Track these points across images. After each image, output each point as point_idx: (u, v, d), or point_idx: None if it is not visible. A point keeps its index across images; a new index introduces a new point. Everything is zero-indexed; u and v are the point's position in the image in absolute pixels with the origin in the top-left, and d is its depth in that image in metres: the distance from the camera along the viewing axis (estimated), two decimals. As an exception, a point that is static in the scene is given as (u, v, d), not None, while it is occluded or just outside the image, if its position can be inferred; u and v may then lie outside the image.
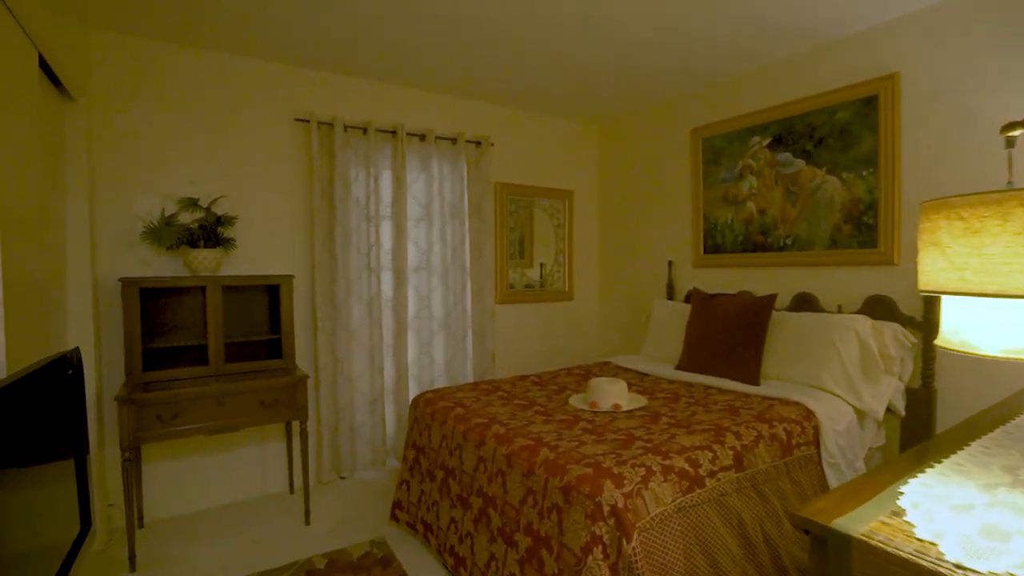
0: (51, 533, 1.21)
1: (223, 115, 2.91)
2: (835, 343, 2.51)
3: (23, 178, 1.65)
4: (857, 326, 2.51)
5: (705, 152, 3.50)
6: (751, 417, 2.10)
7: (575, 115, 4.18)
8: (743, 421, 2.05)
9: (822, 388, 2.49)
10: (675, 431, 1.96)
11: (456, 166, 3.65)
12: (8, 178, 1.53)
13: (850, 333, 2.50)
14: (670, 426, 2.03)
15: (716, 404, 2.33)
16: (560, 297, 4.24)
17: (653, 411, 2.25)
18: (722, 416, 2.14)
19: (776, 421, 2.09)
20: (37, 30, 1.79)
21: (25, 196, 1.67)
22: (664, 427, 2.02)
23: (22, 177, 1.64)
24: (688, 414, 2.19)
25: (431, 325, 3.59)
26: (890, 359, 2.46)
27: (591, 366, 3.25)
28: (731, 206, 3.36)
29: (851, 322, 2.52)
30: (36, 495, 1.17)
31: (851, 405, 2.39)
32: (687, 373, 2.91)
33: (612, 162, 4.30)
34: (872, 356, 2.46)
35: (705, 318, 2.97)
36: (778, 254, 3.11)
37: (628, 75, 3.34)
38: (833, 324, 2.56)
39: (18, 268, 1.59)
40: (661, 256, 3.87)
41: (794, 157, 3.01)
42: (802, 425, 2.14)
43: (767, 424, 2.05)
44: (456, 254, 3.65)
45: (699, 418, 2.13)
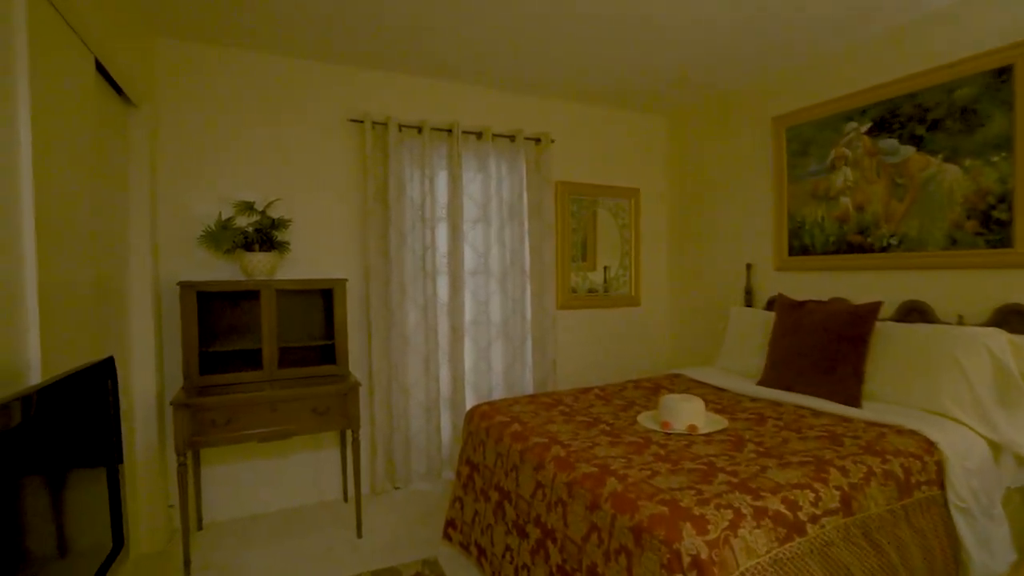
0: (79, 555, 1.13)
1: (278, 117, 2.89)
2: (960, 361, 2.12)
3: (74, 184, 1.62)
4: (989, 341, 2.10)
5: (790, 143, 3.14)
6: (858, 448, 1.78)
7: (642, 107, 3.90)
8: (848, 453, 1.73)
9: (944, 414, 2.10)
10: (765, 462, 1.67)
11: (514, 165, 3.48)
12: (59, 184, 1.49)
13: (980, 349, 2.10)
14: (758, 455, 1.75)
15: (812, 429, 2.01)
16: (626, 302, 3.97)
17: (736, 435, 1.97)
18: (821, 445, 1.82)
19: (890, 454, 1.76)
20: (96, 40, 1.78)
21: (77, 202, 1.64)
22: (751, 456, 1.74)
23: (73, 183, 1.62)
24: (779, 441, 1.89)
25: (489, 331, 3.43)
26: (1033, 381, 2.04)
27: (660, 379, 2.97)
28: (821, 202, 2.98)
29: (981, 336, 2.12)
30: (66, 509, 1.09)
31: (983, 437, 1.99)
32: (772, 390, 2.58)
33: (682, 157, 3.99)
34: (1010, 378, 2.05)
35: (793, 328, 2.62)
36: (880, 256, 2.71)
37: (701, 61, 3.04)
38: (957, 338, 2.16)
39: (68, 273, 1.56)
40: (738, 259, 3.52)
41: (900, 144, 2.61)
42: (922, 460, 1.79)
43: (878, 457, 1.72)
44: (515, 257, 3.48)
45: (793, 446, 1.82)
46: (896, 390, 2.27)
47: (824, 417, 2.18)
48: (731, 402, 2.48)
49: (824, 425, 2.06)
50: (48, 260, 1.38)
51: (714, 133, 3.69)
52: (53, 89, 1.48)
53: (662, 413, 2.12)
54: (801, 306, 2.66)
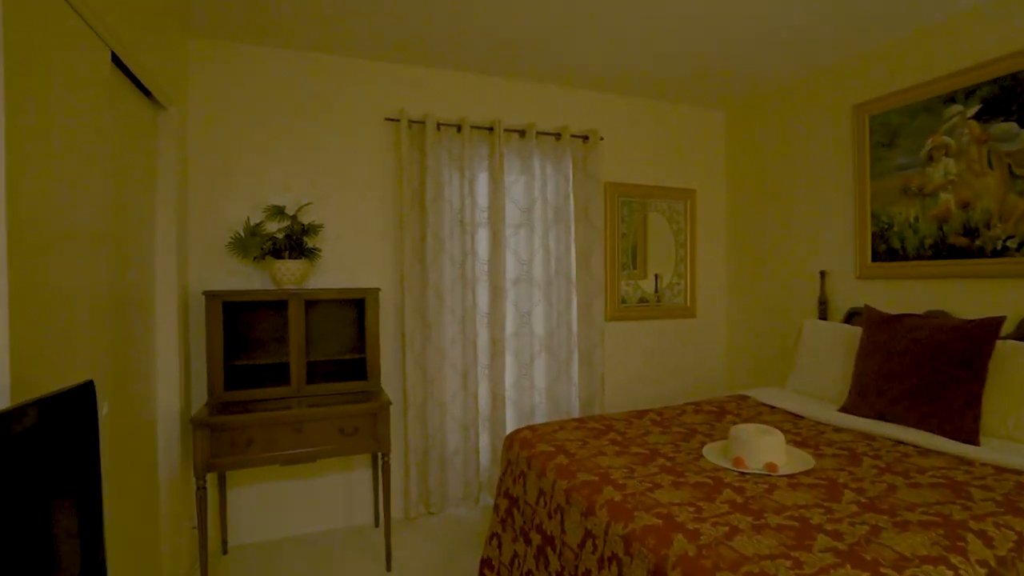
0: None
1: (310, 117, 2.75)
2: (1115, 391, 1.71)
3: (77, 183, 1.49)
4: None
5: (874, 133, 2.75)
6: (994, 504, 1.42)
7: (697, 101, 3.58)
8: (985, 512, 1.37)
9: (1094, 457, 1.70)
10: (874, 519, 1.34)
11: (560, 165, 3.23)
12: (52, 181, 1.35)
13: None
14: (862, 508, 1.42)
15: (922, 474, 1.65)
16: (680, 313, 3.63)
17: (828, 478, 1.63)
18: (942, 497, 1.47)
19: None
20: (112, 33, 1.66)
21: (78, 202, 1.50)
22: (853, 509, 1.41)
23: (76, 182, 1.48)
24: (883, 488, 1.55)
25: (532, 344, 3.18)
26: None
27: (724, 401, 2.63)
28: (914, 199, 2.58)
29: None
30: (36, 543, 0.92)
31: None
32: (860, 419, 2.21)
33: (743, 154, 3.63)
34: None
35: (887, 346, 2.24)
36: (993, 261, 2.29)
37: (765, 45, 2.70)
38: (1108, 363, 1.75)
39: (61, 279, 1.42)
40: (810, 265, 3.13)
41: (1021, 128, 2.20)
42: (1080, 520, 1.41)
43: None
44: (560, 264, 3.22)
45: (904, 497, 1.48)
46: (1019, 426, 1.87)
47: (934, 457, 1.81)
48: (812, 432, 2.13)
49: (938, 468, 1.69)
50: (28, 263, 1.23)
51: (780, 126, 3.33)
52: (48, 75, 1.34)
53: (733, 446, 1.81)
54: (897, 320, 2.28)
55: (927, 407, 2.04)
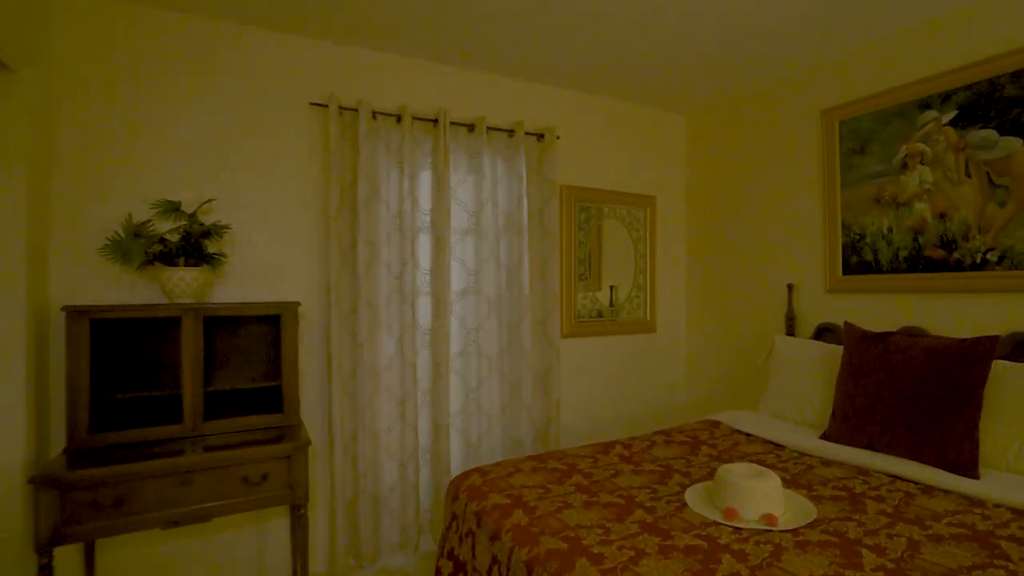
0: None
1: (218, 96, 2.30)
2: None
3: None
4: None
5: (844, 139, 2.60)
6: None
7: (658, 102, 3.37)
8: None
9: (1107, 494, 1.53)
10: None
11: (513, 164, 2.91)
12: None
13: None
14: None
15: (937, 520, 1.42)
16: (640, 328, 3.38)
17: (837, 533, 1.37)
18: (974, 556, 1.23)
19: None
20: None
21: None
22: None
23: None
24: (903, 545, 1.30)
25: (480, 366, 2.82)
26: None
27: (696, 429, 2.37)
28: (887, 209, 2.44)
29: None
30: None
31: None
32: (847, 448, 2.00)
33: (704, 160, 3.45)
34: None
35: (872, 367, 2.05)
36: (972, 275, 2.16)
37: (728, 46, 2.51)
38: (1116, 388, 1.60)
39: None
40: (776, 278, 2.96)
41: (1000, 135, 2.08)
42: None
43: (1072, 580, 1.14)
44: (513, 276, 2.89)
45: (932, 557, 1.23)
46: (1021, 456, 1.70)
47: (939, 496, 1.60)
48: (799, 467, 1.89)
49: (951, 513, 1.47)
50: None
51: (743, 131, 3.16)
52: None
53: (722, 493, 1.52)
54: (882, 340, 2.09)
55: (921, 436, 1.84)
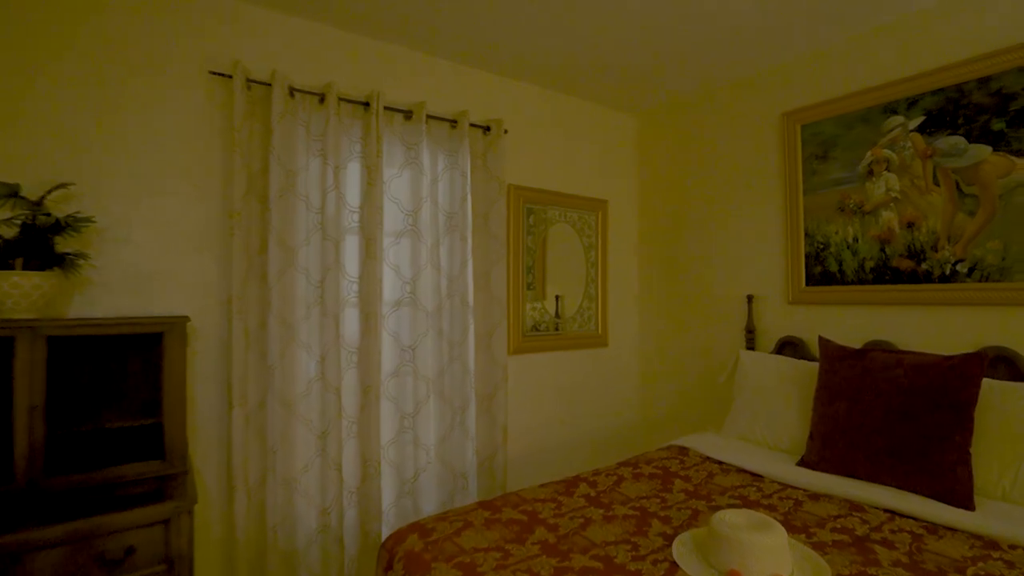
0: None
1: (81, 55, 1.79)
2: None
3: None
4: None
5: (807, 144, 2.49)
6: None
7: (609, 100, 3.16)
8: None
9: (1114, 525, 1.41)
10: None
11: (456, 159, 2.57)
12: None
13: None
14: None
15: (962, 572, 1.23)
16: (591, 343, 3.13)
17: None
18: (1030, 623, 1.03)
19: None
20: None
21: None
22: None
23: None
24: (944, 610, 1.08)
25: (417, 389, 2.44)
26: None
27: (664, 458, 2.13)
28: (852, 217, 2.33)
29: None
30: None
31: None
32: (831, 477, 1.82)
33: (657, 164, 3.28)
34: None
35: (854, 387, 1.89)
36: (942, 287, 2.07)
37: (684, 44, 2.33)
38: (1114, 408, 1.51)
39: None
40: (735, 289, 2.81)
41: (969, 142, 2.01)
42: None
43: None
44: (455, 284, 2.54)
45: (984, 628, 1.02)
46: (1020, 484, 1.57)
47: (948, 537, 1.42)
48: (786, 503, 1.67)
49: (972, 560, 1.29)
50: None
51: (700, 135, 3.01)
52: None
53: (719, 549, 1.26)
54: (861, 356, 1.94)
55: (912, 463, 1.68)
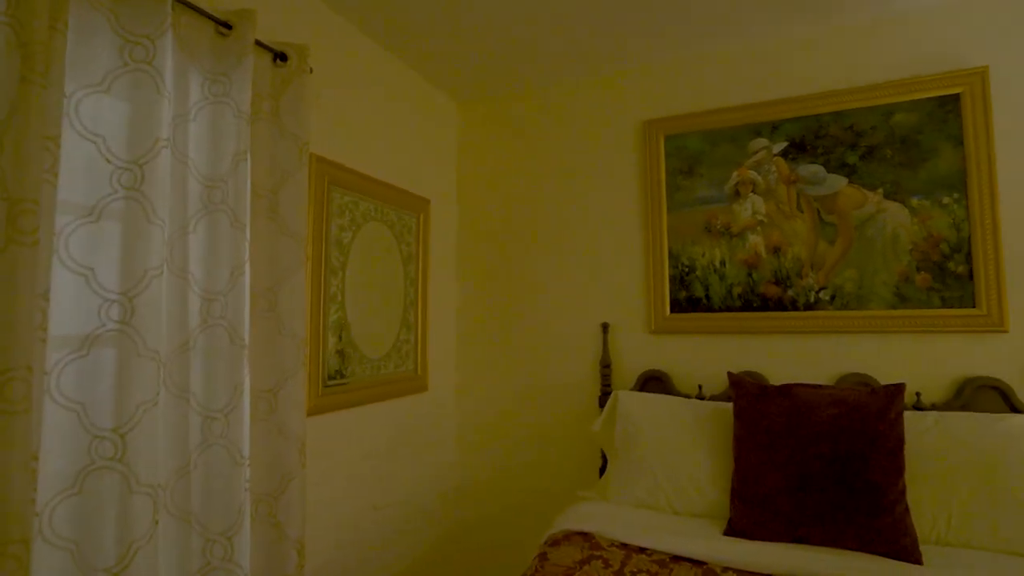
0: None
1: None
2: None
3: None
4: (1046, 435, 1.54)
5: (671, 157, 2.27)
6: None
7: (432, 73, 2.46)
8: None
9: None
10: None
11: (227, 90, 1.47)
12: None
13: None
14: None
15: None
16: (407, 388, 2.29)
17: None
18: None
19: None
20: None
21: None
22: None
23: None
24: None
25: (129, 511, 1.21)
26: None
27: (569, 555, 1.48)
28: (720, 239, 2.18)
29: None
30: None
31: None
32: (774, 547, 1.48)
33: (488, 163, 2.70)
34: (1081, 486, 1.51)
35: (783, 431, 1.61)
36: (806, 315, 2.03)
37: (521, 19, 1.88)
38: (1016, 434, 1.54)
39: None
40: (587, 317, 2.41)
41: (828, 172, 2.04)
42: None
43: None
44: (217, 307, 1.42)
45: None
46: (960, 526, 1.49)
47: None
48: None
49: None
50: None
51: (543, 134, 2.56)
52: None
53: None
54: (785, 394, 1.69)
55: (862, 519, 1.45)
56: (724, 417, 1.82)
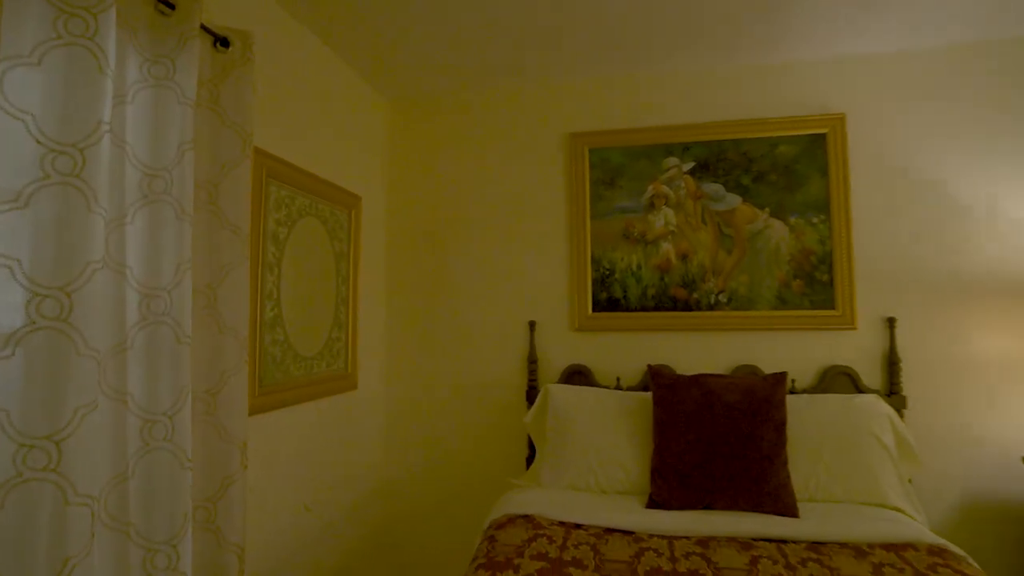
0: None
1: None
2: (879, 437, 1.87)
3: None
4: (884, 409, 1.95)
5: (595, 168, 2.48)
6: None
7: (364, 68, 2.44)
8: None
9: (885, 505, 1.78)
10: None
11: (170, 73, 1.38)
12: None
13: (884, 421, 1.91)
14: None
15: None
16: (338, 386, 2.26)
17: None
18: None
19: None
20: None
21: None
22: None
23: None
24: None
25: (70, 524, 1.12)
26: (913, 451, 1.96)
27: (511, 531, 1.60)
28: (637, 246, 2.42)
29: (877, 405, 1.94)
30: None
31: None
32: (691, 514, 1.73)
33: (419, 163, 2.72)
34: (907, 448, 1.93)
35: (696, 415, 1.86)
36: (708, 314, 2.34)
37: (451, 25, 2.00)
38: (863, 410, 1.92)
39: None
40: (515, 314, 2.54)
41: (727, 191, 2.36)
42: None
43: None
44: (159, 304, 1.34)
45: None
46: (826, 484, 1.84)
47: (798, 552, 1.47)
48: (691, 559, 1.45)
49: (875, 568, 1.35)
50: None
51: (474, 139, 2.64)
52: None
53: None
54: (696, 383, 1.94)
55: (754, 484, 1.74)
56: (644, 405, 2.05)
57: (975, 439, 2.08)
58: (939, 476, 2.07)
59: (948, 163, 2.18)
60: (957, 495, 2.06)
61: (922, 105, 2.21)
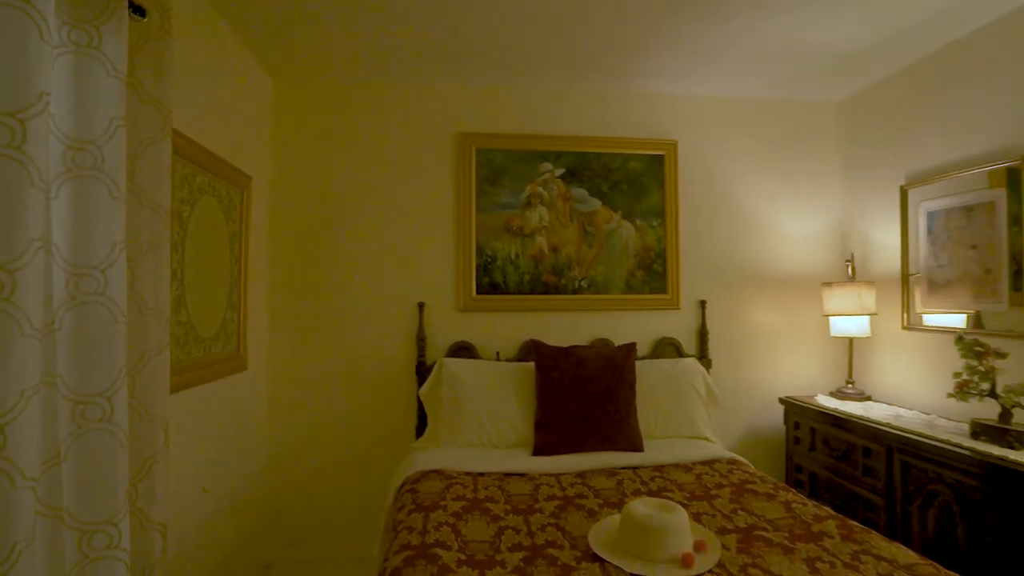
0: None
1: None
2: (697, 389, 2.51)
3: None
4: (698, 368, 2.60)
5: (481, 167, 2.77)
6: (762, 501, 1.77)
7: (251, 39, 2.39)
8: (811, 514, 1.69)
9: (699, 437, 2.43)
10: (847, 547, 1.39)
11: (97, 42, 1.33)
12: None
13: (699, 377, 2.57)
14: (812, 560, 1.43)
15: (720, 489, 1.83)
16: (228, 367, 2.24)
17: (742, 533, 1.52)
18: (779, 514, 1.70)
19: (782, 490, 1.85)
20: None
21: None
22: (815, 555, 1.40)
23: None
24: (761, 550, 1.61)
25: (13, 511, 1.10)
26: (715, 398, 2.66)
27: (427, 484, 1.87)
28: (516, 238, 2.79)
29: (693, 366, 2.60)
30: None
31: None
32: (569, 457, 2.17)
33: (305, 145, 2.72)
34: (712, 394, 2.61)
35: (570, 379, 2.30)
36: (573, 297, 2.81)
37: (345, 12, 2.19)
38: (684, 370, 2.55)
39: None
40: (405, 296, 2.73)
41: (590, 195, 2.84)
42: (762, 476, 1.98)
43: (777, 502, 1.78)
44: (90, 284, 1.31)
45: (769, 537, 1.60)
46: (659, 424, 2.42)
47: (674, 472, 2.03)
48: (574, 487, 1.89)
49: (695, 481, 1.92)
50: None
51: (366, 127, 2.74)
52: None
53: (651, 539, 1.36)
54: (569, 353, 2.37)
55: (603, 428, 2.24)
56: (525, 373, 2.44)
57: (752, 387, 2.89)
58: (731, 413, 2.84)
59: (749, 186, 2.93)
60: (742, 425, 2.86)
61: (735, 140, 2.93)
